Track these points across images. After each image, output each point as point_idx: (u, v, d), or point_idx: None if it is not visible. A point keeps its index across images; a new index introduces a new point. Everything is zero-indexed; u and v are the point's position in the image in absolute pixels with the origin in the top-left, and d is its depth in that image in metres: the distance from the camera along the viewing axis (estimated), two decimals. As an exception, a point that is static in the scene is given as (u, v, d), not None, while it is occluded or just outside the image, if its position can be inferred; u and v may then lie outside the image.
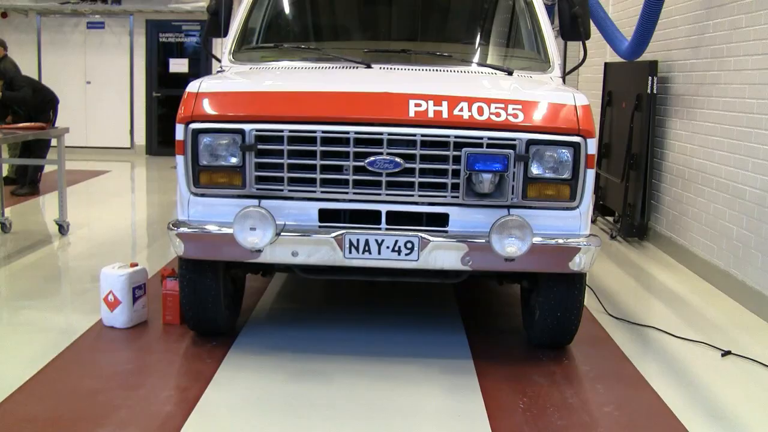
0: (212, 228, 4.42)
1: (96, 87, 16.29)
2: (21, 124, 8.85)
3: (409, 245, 4.29)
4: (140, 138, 16.43)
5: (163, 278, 5.43)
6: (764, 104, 6.19)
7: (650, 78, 8.25)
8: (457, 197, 4.33)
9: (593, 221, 9.55)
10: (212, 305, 4.86)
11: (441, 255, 4.33)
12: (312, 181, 4.36)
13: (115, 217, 9.72)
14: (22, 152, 10.53)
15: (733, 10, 6.77)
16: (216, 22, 5.72)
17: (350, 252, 4.31)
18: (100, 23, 16.30)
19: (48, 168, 11.09)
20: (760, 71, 6.26)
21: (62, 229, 8.27)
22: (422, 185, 4.34)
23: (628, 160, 8.66)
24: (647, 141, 8.38)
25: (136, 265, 5.45)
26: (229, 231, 4.24)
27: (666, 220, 8.27)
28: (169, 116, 13.80)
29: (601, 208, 9.81)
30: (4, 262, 7.20)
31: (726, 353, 5.19)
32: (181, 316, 5.22)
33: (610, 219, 9.59)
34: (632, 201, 8.62)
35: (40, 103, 10.67)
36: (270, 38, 5.79)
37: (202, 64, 15.98)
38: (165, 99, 16.17)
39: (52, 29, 16.33)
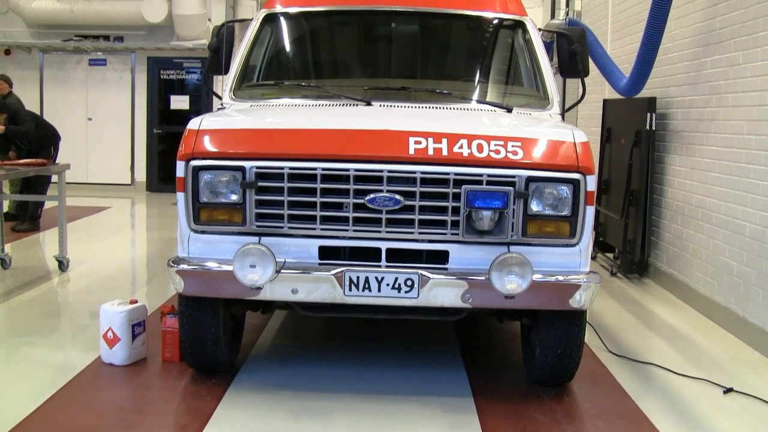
0: (212, 265, 4.42)
1: (97, 123, 16.36)
2: (22, 161, 8.88)
3: (409, 282, 4.28)
4: (141, 174, 16.47)
5: (163, 315, 5.41)
6: (763, 140, 6.21)
7: (649, 114, 8.29)
8: (457, 234, 4.33)
9: (593, 258, 9.54)
10: (212, 342, 4.84)
11: (441, 292, 4.33)
12: (312, 219, 4.37)
13: (115, 254, 9.71)
14: (22, 188, 10.55)
15: (730, 47, 6.82)
16: (217, 60, 5.76)
17: (350, 289, 4.30)
18: (102, 60, 16.42)
19: (48, 204, 11.11)
20: (758, 107, 6.30)
21: (62, 265, 8.27)
22: (422, 222, 4.35)
23: (628, 197, 8.67)
24: (646, 177, 8.40)
25: (136, 301, 5.44)
26: (229, 268, 4.24)
27: (666, 256, 8.27)
28: (170, 153, 13.88)
29: (601, 245, 9.80)
30: (4, 298, 7.19)
31: (728, 390, 5.17)
32: (181, 354, 5.20)
33: (610, 255, 9.58)
34: (632, 237, 8.62)
35: (42, 138, 10.72)
36: (270, 76, 5.82)
37: (203, 101, 16.06)
38: (166, 135, 16.22)
39: (55, 66, 16.45)
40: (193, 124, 4.53)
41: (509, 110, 5.20)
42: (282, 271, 4.27)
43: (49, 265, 8.66)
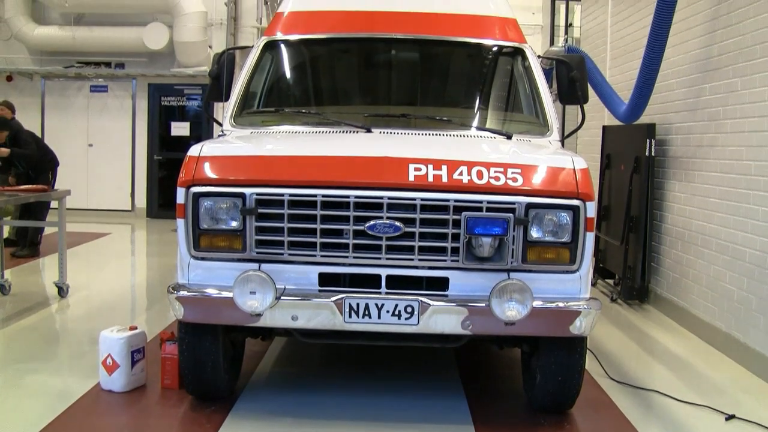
0: (212, 291, 4.41)
1: (98, 149, 16.40)
2: (23, 186, 8.89)
3: (409, 309, 4.28)
4: (141, 201, 16.48)
5: (162, 342, 5.40)
6: (762, 166, 6.23)
7: (648, 141, 8.31)
8: (457, 261, 4.34)
9: (593, 284, 9.53)
10: (211, 369, 4.83)
11: (441, 319, 4.32)
12: (312, 245, 4.37)
13: (115, 280, 9.71)
14: (21, 214, 10.55)
15: (729, 74, 6.86)
16: (218, 87, 5.79)
17: (350, 316, 4.30)
18: (104, 87, 16.48)
19: (48, 230, 11.11)
20: (757, 133, 6.32)
21: (62, 291, 8.26)
22: (422, 249, 4.35)
23: (628, 223, 8.68)
24: (646, 203, 8.41)
25: (135, 328, 5.43)
26: (229, 295, 4.24)
27: (666, 282, 8.26)
28: (170, 179, 13.89)
29: (601, 271, 9.79)
30: (3, 323, 7.17)
31: (730, 417, 5.14)
32: (180, 380, 5.18)
33: (611, 282, 9.57)
34: (632, 263, 8.61)
35: (41, 162, 10.74)
36: (271, 103, 5.85)
37: (203, 128, 16.10)
38: (166, 162, 16.25)
39: (56, 92, 16.51)
40: (194, 150, 4.54)
41: (509, 137, 5.22)
42: (282, 297, 4.27)
43: (48, 291, 8.65)
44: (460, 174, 4.34)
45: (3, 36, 16.19)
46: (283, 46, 6.02)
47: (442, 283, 4.41)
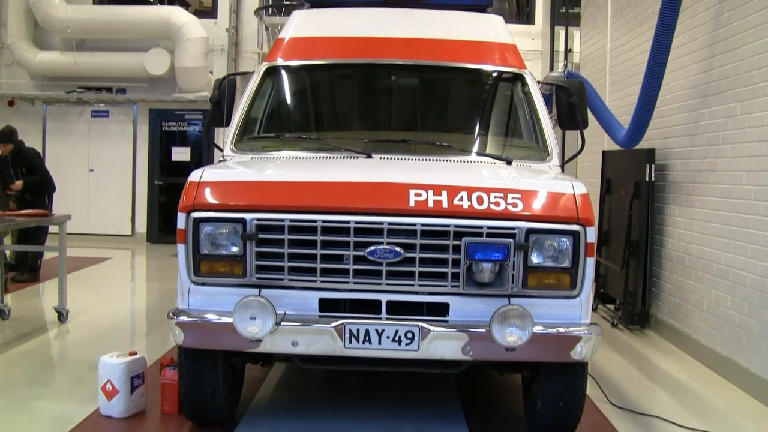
0: (212, 317, 4.41)
1: (98, 174, 16.42)
2: (23, 211, 8.90)
3: (409, 335, 4.27)
4: (141, 225, 16.47)
5: (162, 367, 5.39)
6: (762, 191, 6.24)
7: (648, 165, 8.33)
8: (458, 286, 4.33)
9: (594, 309, 9.52)
10: (211, 395, 4.81)
11: (441, 345, 4.31)
12: (312, 271, 4.37)
13: (115, 305, 9.69)
14: (19, 239, 10.55)
15: (728, 98, 6.88)
16: (218, 112, 5.81)
17: (350, 342, 4.29)
18: (105, 112, 16.53)
19: (48, 255, 11.11)
20: (757, 158, 6.34)
21: (61, 316, 8.24)
22: (422, 275, 4.34)
23: (628, 248, 8.68)
24: (646, 228, 8.41)
25: (135, 353, 5.42)
26: (229, 320, 4.23)
27: (667, 307, 8.25)
28: (171, 204, 13.90)
29: (601, 296, 9.78)
30: (3, 349, 7.15)
31: (731, 443, 5.13)
32: (180, 406, 5.17)
33: (611, 307, 9.56)
34: (633, 288, 8.60)
35: (43, 186, 10.80)
36: (271, 128, 5.87)
37: (204, 153, 16.13)
38: (167, 187, 16.26)
39: (58, 117, 16.55)
40: (195, 176, 4.55)
41: (509, 162, 5.23)
42: (282, 323, 4.26)
43: (48, 316, 8.63)
44: (461, 199, 4.34)
45: (5, 61, 16.29)
46: (283, 72, 6.06)
47: (442, 309, 4.41)
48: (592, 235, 4.38)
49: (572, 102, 5.70)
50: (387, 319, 4.38)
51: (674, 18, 7.02)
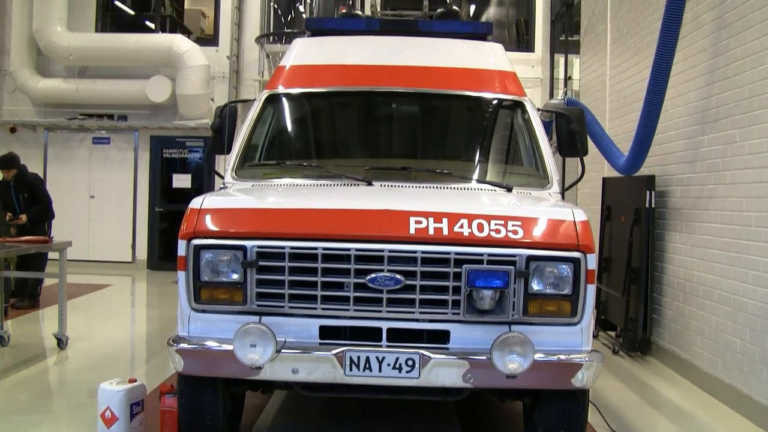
0: (212, 344, 4.40)
1: (99, 201, 16.43)
2: (24, 237, 8.91)
3: (410, 362, 4.26)
4: (142, 252, 16.46)
5: (162, 394, 5.37)
6: (762, 217, 6.24)
7: (648, 192, 8.34)
8: (458, 314, 4.32)
9: (595, 336, 9.49)
10: (211, 423, 4.79)
11: (442, 372, 4.30)
12: (313, 298, 4.37)
13: (115, 332, 9.67)
14: (19, 265, 10.55)
15: (727, 125, 6.91)
16: (219, 139, 5.83)
17: (351, 369, 4.28)
18: (106, 138, 16.57)
19: (48, 281, 11.10)
20: (757, 184, 6.35)
21: (61, 342, 8.22)
22: (423, 302, 4.34)
23: (629, 275, 8.67)
24: (647, 255, 8.41)
25: (135, 380, 5.40)
26: (230, 347, 4.22)
27: (668, 334, 8.23)
28: (172, 231, 13.89)
29: (602, 323, 9.76)
30: (2, 375, 7.13)
31: (734, 472, 5.09)
32: (179, 434, 5.14)
33: (612, 334, 9.53)
34: (634, 315, 8.59)
35: (45, 213, 10.83)
36: (272, 155, 5.89)
37: (204, 180, 16.16)
38: (167, 214, 16.26)
39: (59, 144, 16.59)
40: (195, 203, 4.56)
41: (509, 189, 5.24)
42: (282, 350, 4.25)
43: (47, 343, 8.61)
44: (461, 227, 4.35)
45: (8, 88, 16.36)
46: (284, 100, 6.08)
47: (443, 336, 4.40)
48: (592, 262, 4.38)
49: (572, 129, 5.72)
50: (387, 346, 4.36)
51: (673, 45, 7.06)
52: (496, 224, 4.37)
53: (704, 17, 7.46)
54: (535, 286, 4.36)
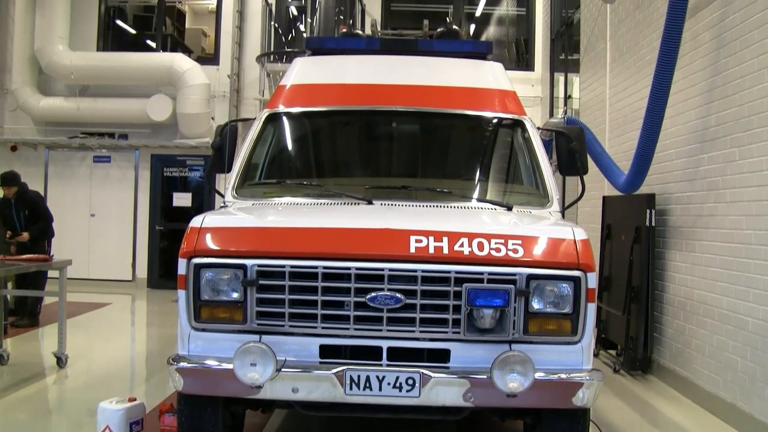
0: (212, 363, 4.39)
1: (100, 219, 16.44)
2: (24, 256, 8.91)
3: (410, 382, 4.25)
4: (142, 271, 16.45)
5: (162, 413, 5.36)
6: (762, 235, 6.25)
7: (648, 211, 8.35)
8: (459, 333, 4.32)
9: (595, 355, 9.47)
10: (210, 442, 4.77)
11: (442, 391, 4.29)
12: (313, 317, 4.36)
13: (115, 350, 9.66)
14: (19, 283, 10.55)
15: (726, 144, 6.92)
16: (220, 158, 5.84)
17: (351, 388, 4.27)
18: (107, 157, 16.60)
19: (48, 299, 11.09)
20: (756, 202, 6.35)
21: (60, 361, 8.21)
22: (423, 321, 4.33)
23: (629, 293, 8.66)
24: (647, 273, 8.41)
25: (134, 399, 5.39)
26: (230, 366, 4.21)
27: (669, 352, 8.21)
28: (172, 249, 13.91)
29: (603, 342, 9.74)
30: (1, 394, 7.11)
31: (736, 492, 5.07)
32: (179, 454, 5.12)
33: (613, 352, 9.51)
34: (634, 334, 8.57)
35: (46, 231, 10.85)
36: (273, 174, 5.89)
37: (205, 199, 16.17)
38: (168, 232, 16.26)
39: (60, 162, 16.62)
40: (196, 222, 4.57)
41: (509, 208, 5.24)
42: (282, 369, 4.24)
43: (47, 361, 8.60)
44: (461, 246, 4.35)
45: (9, 106, 16.40)
46: (285, 119, 6.09)
47: (443, 355, 4.39)
48: (592, 280, 4.38)
49: (572, 148, 5.73)
50: (388, 365, 4.35)
51: (672, 64, 7.09)
52: (496, 243, 4.37)
53: (703, 36, 7.50)
54: (536, 304, 4.35)
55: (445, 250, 4.33)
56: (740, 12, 6.74)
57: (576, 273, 4.35)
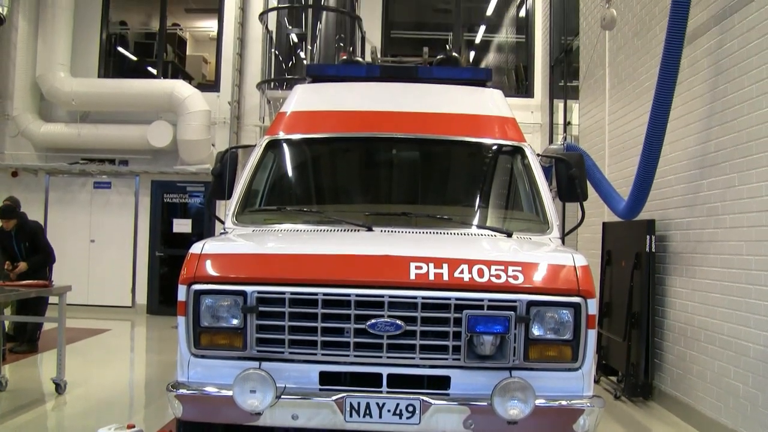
0: (212, 390, 4.38)
1: (100, 245, 16.44)
2: (24, 282, 8.90)
3: (410, 408, 4.24)
4: (142, 297, 16.42)
5: (161, 441, 5.34)
6: (762, 260, 6.25)
7: (648, 237, 8.36)
8: (459, 359, 4.31)
9: (596, 381, 9.43)
10: (209, 470, 4.75)
11: (443, 418, 4.27)
12: (313, 344, 4.35)
13: (113, 377, 9.62)
14: (19, 309, 10.53)
15: (726, 170, 6.94)
16: (220, 185, 5.86)
17: (351, 415, 4.25)
18: (107, 183, 16.62)
19: (47, 325, 11.06)
20: (756, 228, 6.36)
21: (59, 387, 8.18)
22: (423, 347, 4.33)
23: (630, 319, 8.65)
24: (648, 299, 8.40)
25: (133, 426, 5.38)
26: (229, 393, 4.20)
27: (670, 378, 8.18)
28: (172, 275, 13.88)
29: (603, 368, 9.70)
30: (-1, 421, 7.10)
31: None
32: (178, 481, 5.09)
33: (614, 379, 9.47)
34: (635, 360, 8.55)
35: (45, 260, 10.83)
36: (273, 201, 5.90)
37: (205, 225, 16.17)
38: (168, 258, 16.25)
39: (60, 188, 16.64)
40: (196, 248, 4.57)
41: (509, 235, 5.24)
42: (282, 396, 4.23)
43: (46, 388, 8.56)
44: (461, 272, 4.35)
45: (10, 132, 16.46)
46: (285, 146, 6.11)
47: (443, 382, 4.38)
48: (593, 306, 4.38)
49: (572, 174, 5.75)
50: (388, 392, 4.34)
51: (671, 90, 7.13)
52: (496, 269, 4.37)
53: (701, 63, 7.54)
54: (536, 331, 4.35)
55: (445, 277, 4.33)
56: (738, 39, 6.79)
57: (576, 299, 4.34)
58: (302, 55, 14.69)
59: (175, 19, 19.74)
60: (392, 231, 5.18)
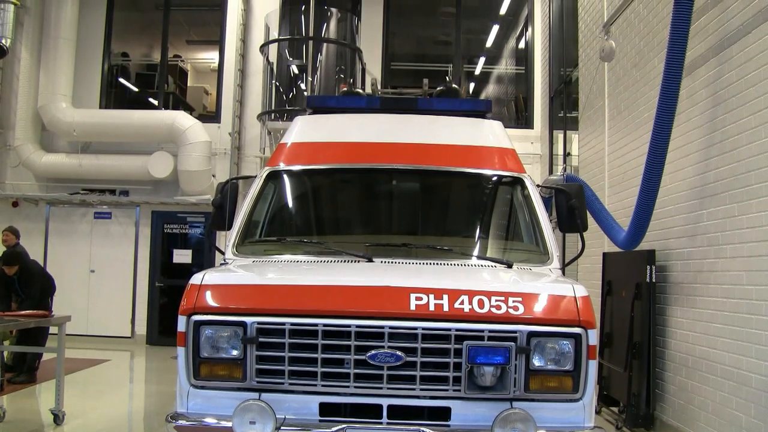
0: (211, 421, 4.36)
1: (100, 275, 16.43)
2: (24, 312, 8.89)
3: (410, 440, 4.22)
4: (141, 327, 16.38)
5: (159, 473, 5.29)
6: (763, 290, 6.24)
7: (648, 267, 8.35)
8: (459, 390, 4.29)
9: (597, 412, 9.39)
10: (209, 502, 4.71)
11: (443, 450, 4.25)
12: (313, 375, 4.34)
13: (112, 408, 9.57)
14: (19, 339, 10.50)
15: (726, 200, 6.95)
16: (220, 215, 5.87)
17: (351, 447, 4.24)
18: (107, 213, 16.65)
19: (46, 356, 11.02)
20: (757, 258, 6.36)
21: (57, 418, 8.14)
22: (424, 378, 4.31)
23: (631, 349, 8.62)
24: (649, 329, 8.38)
25: (132, 459, 5.33)
26: (229, 424, 4.19)
27: (672, 409, 8.14)
28: (171, 306, 13.86)
29: (605, 399, 9.66)
30: (-3, 454, 7.06)
31: None
32: None
33: (615, 409, 9.43)
34: (636, 390, 8.51)
35: (44, 292, 10.81)
36: (273, 232, 5.90)
37: (205, 255, 16.18)
38: (167, 289, 16.23)
39: (60, 218, 16.66)
40: (196, 279, 4.57)
41: (509, 266, 5.23)
42: (282, 427, 4.22)
43: (44, 419, 8.52)
44: (462, 303, 4.34)
45: (11, 163, 16.51)
46: (285, 176, 6.12)
47: (443, 413, 4.36)
48: (593, 337, 4.37)
49: (572, 205, 5.76)
50: (388, 423, 4.32)
51: (670, 121, 7.16)
52: (496, 300, 4.37)
53: (700, 93, 7.58)
54: (537, 362, 4.34)
55: (446, 308, 4.33)
56: (736, 70, 6.83)
57: (577, 330, 4.34)
58: (303, 86, 14.78)
59: (177, 51, 19.88)
60: (392, 262, 5.18)
